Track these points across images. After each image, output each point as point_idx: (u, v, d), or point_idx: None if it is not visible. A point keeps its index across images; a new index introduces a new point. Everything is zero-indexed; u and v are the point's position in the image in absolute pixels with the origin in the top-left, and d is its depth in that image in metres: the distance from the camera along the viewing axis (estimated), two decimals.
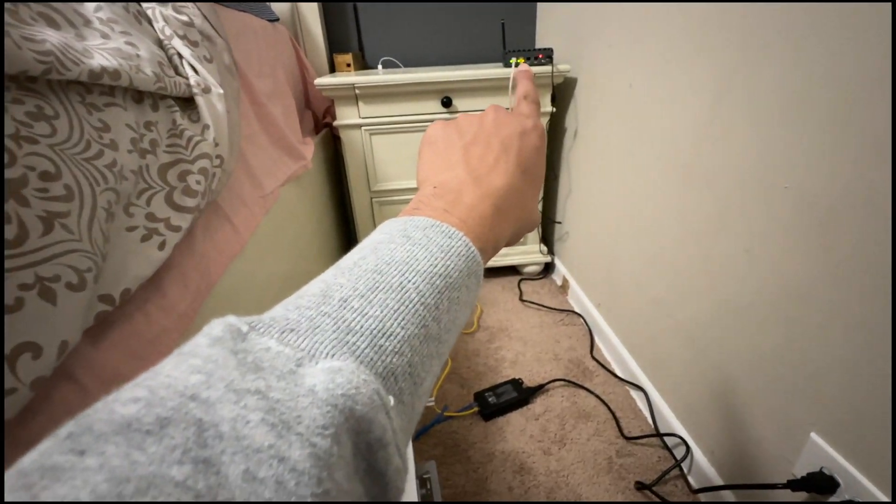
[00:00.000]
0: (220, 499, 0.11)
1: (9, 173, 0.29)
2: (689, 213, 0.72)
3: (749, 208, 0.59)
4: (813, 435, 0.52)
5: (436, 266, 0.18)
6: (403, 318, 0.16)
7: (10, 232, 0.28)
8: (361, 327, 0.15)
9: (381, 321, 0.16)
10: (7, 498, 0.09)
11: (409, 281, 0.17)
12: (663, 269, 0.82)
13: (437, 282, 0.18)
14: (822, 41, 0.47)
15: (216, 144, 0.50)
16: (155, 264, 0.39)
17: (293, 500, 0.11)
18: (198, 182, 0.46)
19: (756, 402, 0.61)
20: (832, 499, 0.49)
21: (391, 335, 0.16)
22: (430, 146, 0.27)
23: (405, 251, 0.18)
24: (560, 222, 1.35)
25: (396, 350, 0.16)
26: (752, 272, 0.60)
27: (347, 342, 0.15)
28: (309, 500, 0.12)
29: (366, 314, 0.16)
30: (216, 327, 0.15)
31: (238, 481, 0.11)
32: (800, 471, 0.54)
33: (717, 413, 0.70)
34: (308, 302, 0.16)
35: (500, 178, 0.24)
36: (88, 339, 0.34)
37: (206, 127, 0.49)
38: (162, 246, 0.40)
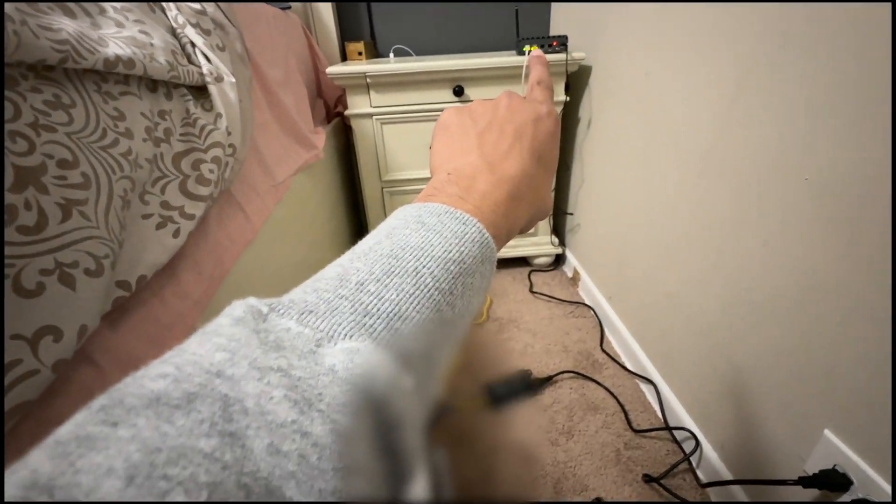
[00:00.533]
0: (245, 470, 0.11)
1: (28, 161, 0.29)
2: (705, 205, 0.71)
3: (768, 200, 0.58)
4: (827, 432, 0.51)
5: (450, 252, 0.18)
6: (419, 303, 0.16)
7: (30, 219, 0.29)
8: (378, 310, 0.16)
9: (397, 305, 0.16)
10: (46, 464, 0.10)
11: (425, 266, 0.17)
12: (676, 262, 0.81)
13: (452, 267, 0.18)
14: (847, 28, 0.45)
15: (229, 133, 0.50)
16: (170, 251, 0.40)
17: (315, 473, 0.12)
18: (211, 171, 0.46)
19: (768, 397, 0.60)
20: (844, 497, 0.49)
21: (407, 318, 0.16)
22: (443, 132, 0.27)
23: (420, 237, 0.18)
24: (572, 213, 1.34)
25: (412, 333, 0.16)
26: (769, 266, 0.58)
27: (365, 324, 0.15)
28: (330, 473, 0.12)
29: (382, 298, 0.16)
30: (237, 308, 0.15)
31: (263, 454, 0.11)
32: (812, 468, 0.53)
33: (727, 408, 0.69)
34: (326, 285, 0.16)
35: (515, 165, 0.24)
36: (107, 324, 0.35)
37: (218, 116, 0.49)
38: (177, 233, 0.41)
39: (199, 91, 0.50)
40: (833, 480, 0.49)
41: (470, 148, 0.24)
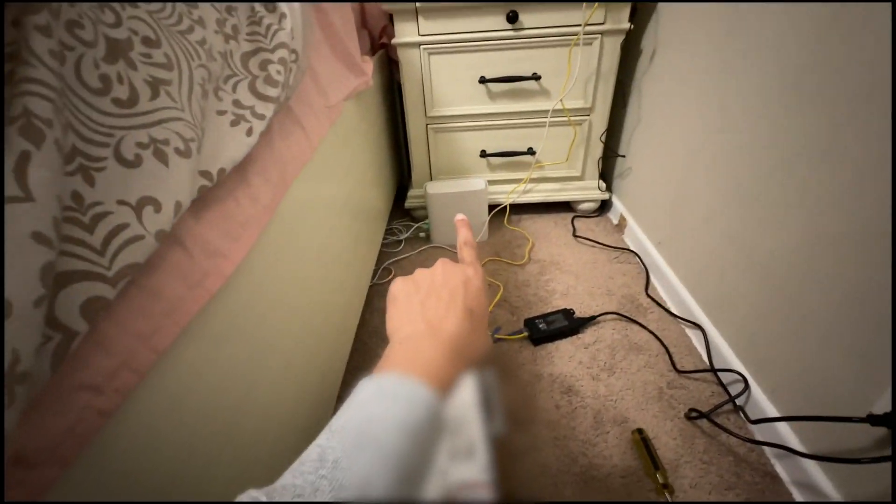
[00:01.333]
0: None
1: (116, 33, 0.29)
2: (790, 135, 0.65)
3: (873, 125, 0.52)
4: None
5: (405, 418, 0.23)
6: (382, 467, 0.21)
7: (123, 93, 0.29)
8: (350, 483, 0.20)
9: (365, 474, 0.20)
10: None
11: (385, 435, 0.22)
12: (743, 202, 0.76)
13: (406, 430, 0.23)
14: None
15: (292, 37, 0.49)
16: (244, 149, 0.40)
17: None
18: (278, 72, 0.45)
19: (836, 340, 0.58)
20: None
21: (373, 485, 0.20)
22: (393, 303, 0.34)
23: (381, 408, 0.24)
24: (624, 156, 1.27)
25: (378, 495, 0.20)
26: (862, 201, 0.54)
27: (340, 498, 0.19)
28: None
29: (353, 470, 0.20)
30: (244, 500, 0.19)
31: None
32: (880, 410, 0.51)
33: (784, 352, 0.67)
34: (309, 467, 0.21)
35: (452, 325, 0.30)
36: (191, 214, 0.36)
37: (282, 16, 0.48)
38: (249, 132, 0.41)
39: None
40: None
41: (415, 315, 0.31)
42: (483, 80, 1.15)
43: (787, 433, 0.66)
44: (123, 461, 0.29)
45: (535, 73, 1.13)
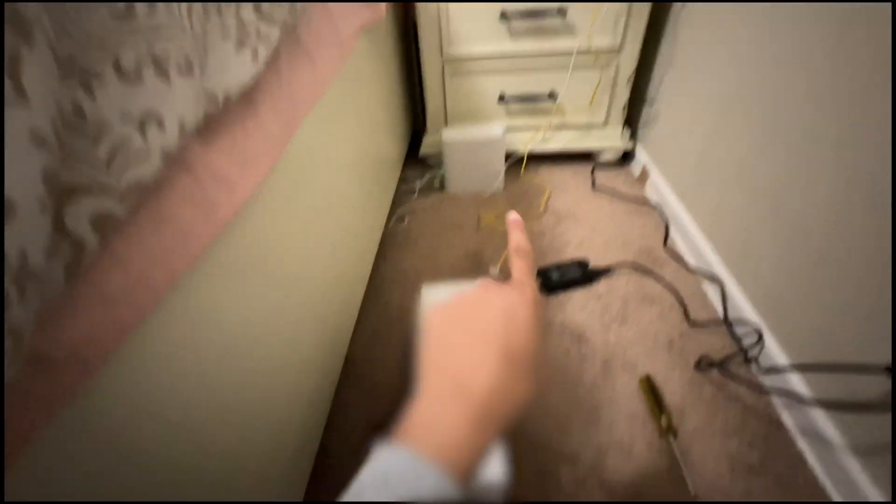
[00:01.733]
0: None
1: None
2: (831, 84, 0.59)
3: None
4: None
5: None
6: None
7: (119, 3, 0.27)
8: None
9: None
10: None
11: None
12: (779, 152, 0.71)
13: None
14: None
15: None
16: (250, 72, 0.38)
17: None
18: None
19: (859, 294, 0.55)
20: None
21: None
22: (427, 336, 0.30)
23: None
24: (651, 105, 1.20)
25: None
26: None
27: None
28: None
29: None
30: None
31: None
32: None
33: (805, 306, 0.65)
34: None
35: (483, 379, 0.26)
36: (199, 140, 0.36)
37: None
38: (255, 56, 0.39)
39: None
40: None
41: (444, 363, 0.27)
42: (504, 16, 1.07)
43: (797, 385, 0.66)
44: (143, 379, 0.31)
45: (560, 8, 1.05)
